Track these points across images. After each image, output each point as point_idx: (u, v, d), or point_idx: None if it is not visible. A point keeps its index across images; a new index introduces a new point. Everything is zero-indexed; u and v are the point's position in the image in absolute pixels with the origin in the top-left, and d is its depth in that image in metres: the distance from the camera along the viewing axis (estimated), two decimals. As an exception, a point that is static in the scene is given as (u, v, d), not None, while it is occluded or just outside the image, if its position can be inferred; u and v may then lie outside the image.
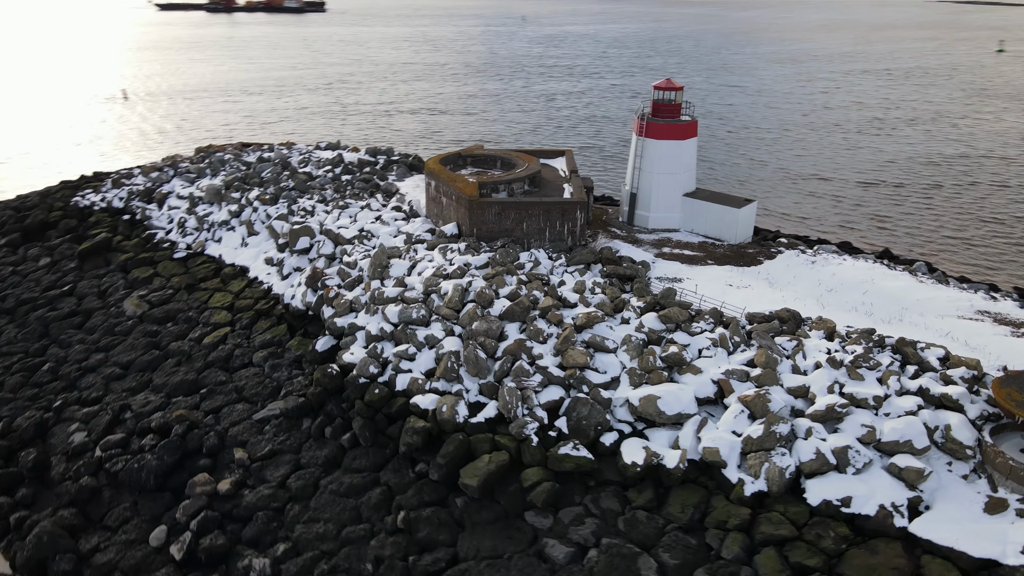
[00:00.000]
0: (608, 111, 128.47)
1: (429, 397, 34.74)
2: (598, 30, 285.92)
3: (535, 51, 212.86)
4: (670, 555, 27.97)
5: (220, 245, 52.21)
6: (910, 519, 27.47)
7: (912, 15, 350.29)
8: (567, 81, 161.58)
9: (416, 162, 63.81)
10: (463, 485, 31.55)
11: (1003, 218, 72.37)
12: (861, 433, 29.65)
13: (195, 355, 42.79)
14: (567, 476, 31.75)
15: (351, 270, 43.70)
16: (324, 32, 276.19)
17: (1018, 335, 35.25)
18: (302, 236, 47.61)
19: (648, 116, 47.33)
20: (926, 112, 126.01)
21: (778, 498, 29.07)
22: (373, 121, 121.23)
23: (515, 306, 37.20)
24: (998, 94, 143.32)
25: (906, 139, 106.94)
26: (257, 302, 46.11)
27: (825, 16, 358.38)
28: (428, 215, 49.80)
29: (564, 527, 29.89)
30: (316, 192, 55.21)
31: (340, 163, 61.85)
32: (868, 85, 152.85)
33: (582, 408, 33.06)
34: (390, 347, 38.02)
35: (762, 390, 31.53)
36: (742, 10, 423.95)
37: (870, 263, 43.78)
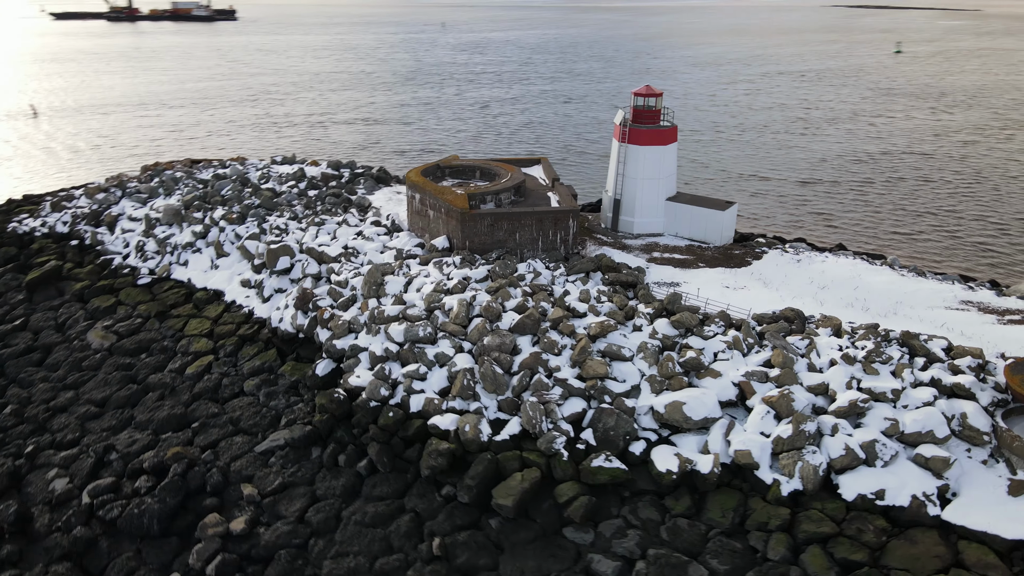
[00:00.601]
0: (544, 117, 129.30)
1: (448, 417, 33.85)
2: (519, 36, 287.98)
3: (460, 58, 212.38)
4: (718, 561, 28.10)
5: (187, 269, 49.50)
6: (942, 507, 28.54)
7: (811, 19, 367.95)
8: (498, 88, 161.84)
9: (383, 175, 62.31)
10: (497, 506, 30.84)
11: (936, 211, 76.59)
12: (885, 426, 30.61)
13: (179, 387, 40.35)
14: (600, 488, 31.49)
15: (343, 289, 42.18)
16: (239, 41, 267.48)
17: (1004, 322, 37.31)
18: (281, 256, 45.66)
19: (630, 122, 47.80)
20: (843, 112, 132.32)
21: (814, 496, 29.67)
22: (308, 133, 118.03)
23: (525, 319, 36.72)
24: (904, 93, 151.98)
25: (831, 138, 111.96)
26: (239, 327, 43.93)
27: (732, 21, 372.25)
28: (411, 229, 48.67)
29: (607, 541, 29.60)
30: (285, 209, 53.13)
31: (303, 178, 59.75)
32: (786, 87, 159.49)
33: (608, 419, 32.90)
34: (397, 367, 36.87)
35: (785, 390, 32.16)
36: (650, 15, 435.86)
37: (852, 260, 45.59)
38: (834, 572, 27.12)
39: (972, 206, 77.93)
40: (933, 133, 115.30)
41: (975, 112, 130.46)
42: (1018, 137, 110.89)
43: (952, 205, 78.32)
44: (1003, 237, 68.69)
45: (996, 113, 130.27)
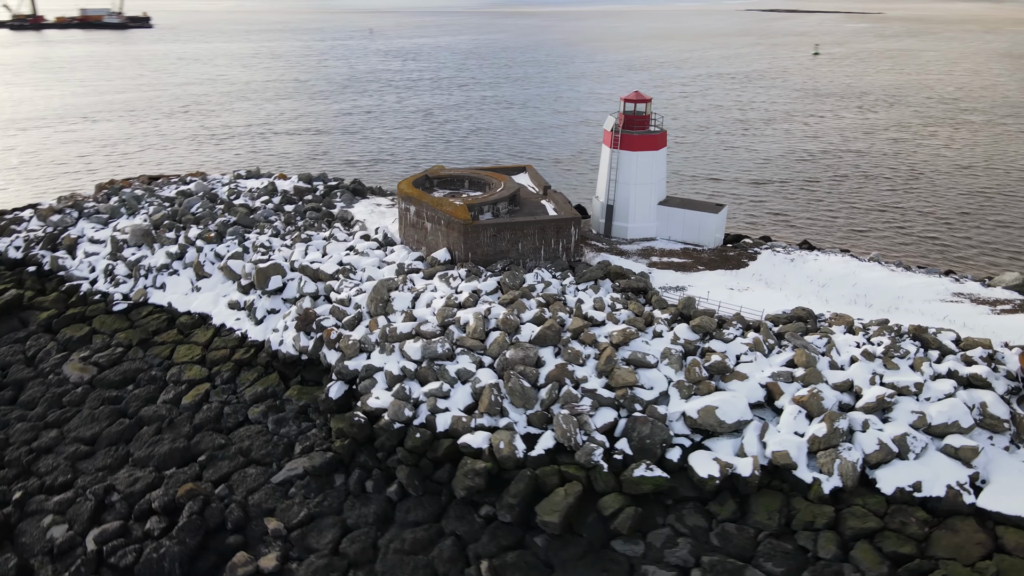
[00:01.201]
0: (491, 123, 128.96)
1: (479, 435, 33.09)
2: (449, 42, 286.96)
3: (394, 65, 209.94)
4: (772, 563, 28.35)
5: (166, 292, 46.91)
6: (975, 495, 29.62)
7: (728, 23, 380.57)
8: (439, 94, 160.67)
9: (359, 186, 60.61)
10: (542, 523, 30.30)
11: (882, 207, 79.87)
12: (912, 419, 31.58)
13: (177, 419, 38.09)
14: (643, 498, 31.36)
15: (346, 307, 40.74)
16: (159, 49, 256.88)
17: (997, 312, 39.18)
18: (273, 275, 43.80)
19: (620, 129, 48.04)
20: (778, 112, 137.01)
21: (853, 492, 30.31)
22: (251, 145, 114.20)
23: (546, 330, 36.28)
24: (829, 93, 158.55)
25: (770, 138, 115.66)
26: (233, 352, 41.88)
27: (653, 25, 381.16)
28: (405, 242, 47.49)
29: (658, 551, 29.47)
30: (265, 225, 51.02)
31: (275, 192, 57.57)
32: (719, 89, 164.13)
33: (642, 427, 32.82)
34: (416, 386, 35.85)
35: (813, 389, 32.81)
36: (572, 20, 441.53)
37: (842, 257, 47.08)
38: (885, 566, 27.75)
39: (913, 201, 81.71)
40: (863, 131, 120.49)
41: (896, 110, 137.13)
42: (941, 134, 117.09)
43: (896, 201, 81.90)
44: (948, 231, 72.20)
45: (916, 111, 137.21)
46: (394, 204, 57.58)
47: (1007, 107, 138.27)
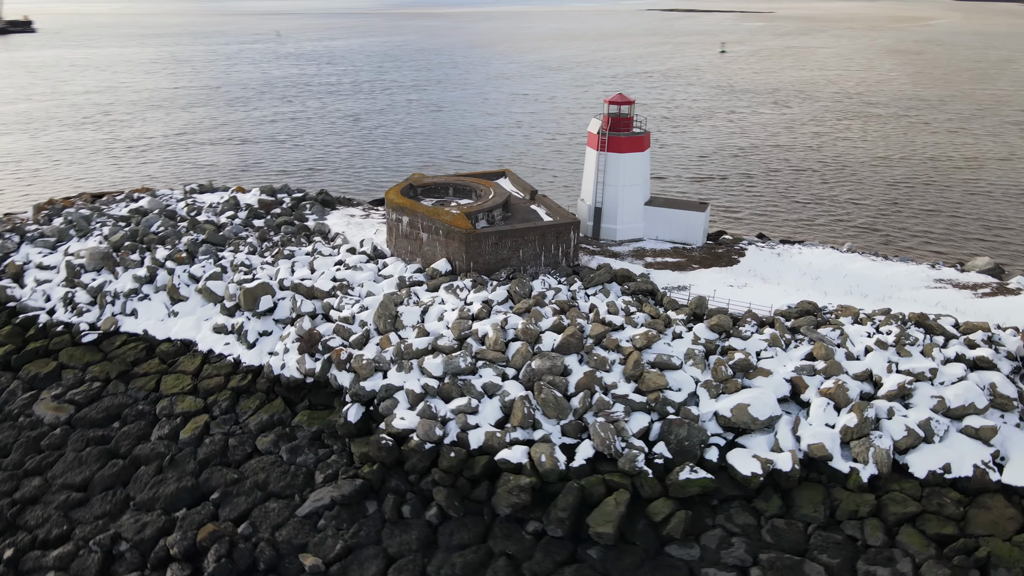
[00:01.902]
0: (422, 127, 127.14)
1: (517, 449, 32.38)
2: (361, 44, 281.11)
3: (310, 69, 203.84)
4: (827, 555, 28.97)
5: (139, 319, 43.65)
6: (999, 472, 31.24)
7: (632, 23, 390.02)
8: (363, 99, 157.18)
9: (328, 198, 58.26)
10: (596, 534, 29.92)
11: (819, 199, 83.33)
12: (932, 404, 33.01)
13: (179, 456, 35.46)
14: (688, 500, 31.45)
15: (351, 326, 39.01)
16: (47, 56, 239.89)
17: (979, 296, 41.56)
18: (262, 295, 41.46)
19: (606, 132, 48.11)
20: (701, 109, 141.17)
21: (889, 478, 31.39)
22: (174, 156, 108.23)
23: (569, 338, 35.86)
24: (744, 90, 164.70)
25: (700, 134, 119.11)
26: (228, 379, 39.39)
27: (558, 25, 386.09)
28: (397, 254, 45.91)
29: (714, 553, 29.60)
30: (239, 243, 48.29)
31: (237, 206, 54.59)
32: (639, 87, 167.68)
33: (679, 429, 32.92)
34: (441, 404, 34.72)
35: (838, 380, 33.78)
36: (476, 21, 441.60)
37: (824, 249, 48.79)
38: (932, 548, 28.85)
39: (846, 192, 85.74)
40: (783, 126, 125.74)
41: (808, 105, 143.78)
42: (854, 127, 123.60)
43: (830, 193, 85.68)
44: (884, 220, 76.11)
45: (826, 106, 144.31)
46: (368, 214, 55.75)
47: (905, 100, 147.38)
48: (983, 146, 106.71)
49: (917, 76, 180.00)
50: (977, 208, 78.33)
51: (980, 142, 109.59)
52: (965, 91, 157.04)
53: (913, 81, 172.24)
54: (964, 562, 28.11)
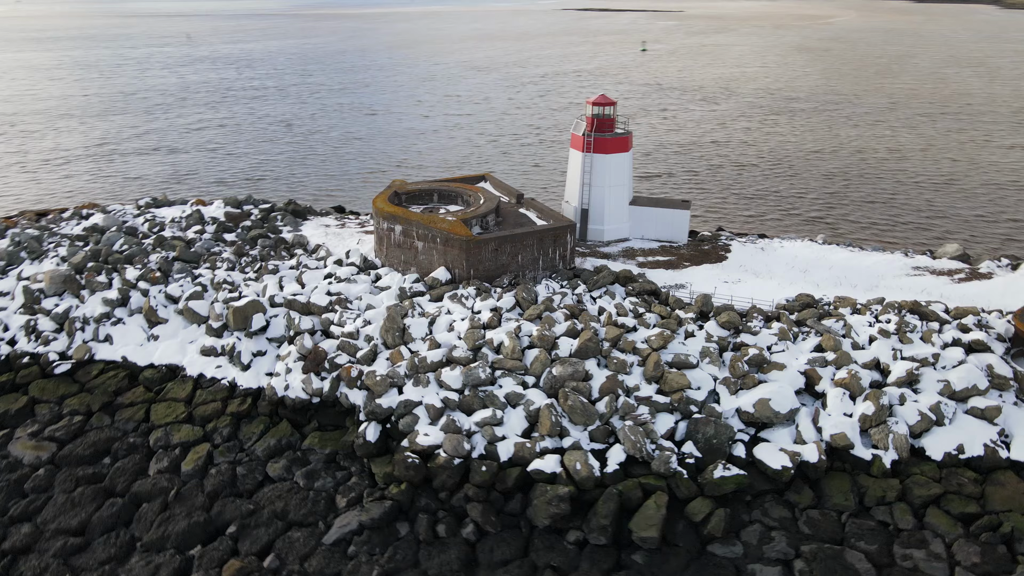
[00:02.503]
0: (360, 132, 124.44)
1: (549, 459, 31.92)
2: (280, 47, 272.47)
3: (230, 73, 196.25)
4: (864, 542, 29.75)
5: (115, 345, 40.76)
6: (1008, 449, 32.86)
7: (548, 22, 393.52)
8: (292, 104, 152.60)
9: (298, 208, 55.95)
10: (640, 539, 29.79)
11: (765, 193, 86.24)
12: (939, 388, 34.43)
13: (185, 490, 33.26)
14: (722, 498, 31.71)
15: (356, 341, 37.54)
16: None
17: (956, 281, 43.71)
18: (254, 314, 39.46)
19: (592, 133, 48.13)
20: (633, 107, 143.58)
21: (908, 462, 32.53)
22: (98, 169, 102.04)
23: (587, 342, 35.61)
24: (670, 87, 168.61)
25: (640, 132, 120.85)
26: (226, 404, 37.27)
27: (475, 26, 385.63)
28: (389, 264, 44.47)
29: (756, 548, 29.94)
30: (216, 259, 45.76)
31: (203, 220, 51.77)
32: (570, 86, 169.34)
33: (705, 428, 33.19)
34: (463, 417, 33.87)
35: (850, 370, 34.81)
36: (394, 22, 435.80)
37: (804, 242, 50.27)
38: (959, 527, 30.08)
39: (786, 185, 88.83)
40: (715, 123, 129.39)
41: (735, 102, 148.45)
42: (781, 122, 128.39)
43: (772, 186, 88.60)
44: (829, 210, 79.29)
45: (751, 102, 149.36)
46: (343, 224, 53.95)
47: (823, 96, 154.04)
48: (902, 138, 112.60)
49: (829, 72, 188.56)
50: (909, 198, 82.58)
51: (898, 134, 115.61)
52: (875, 86, 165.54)
53: (826, 77, 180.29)
54: (991, 539, 29.42)
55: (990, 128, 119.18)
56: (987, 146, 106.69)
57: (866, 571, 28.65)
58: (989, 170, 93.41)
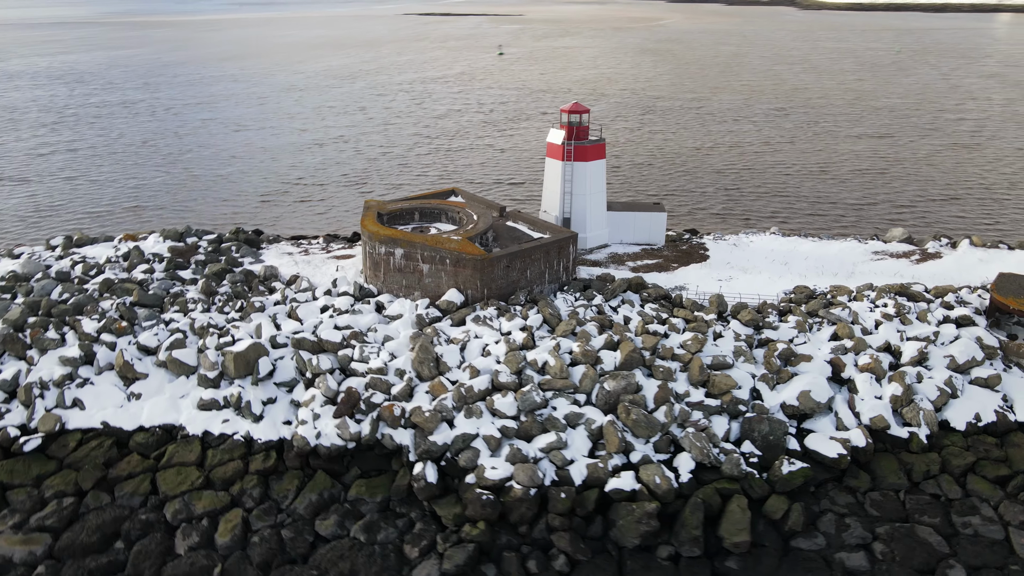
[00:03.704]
0: (239, 151, 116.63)
1: (625, 476, 31.39)
2: (109, 58, 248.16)
3: (59, 90, 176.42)
4: (927, 516, 31.65)
5: (88, 411, 35.26)
6: (1013, 412, 36.20)
7: (395, 27, 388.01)
8: (147, 121, 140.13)
9: (251, 237, 50.97)
10: (733, 545, 29.95)
11: (674, 191, 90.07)
12: (946, 363, 37.32)
13: (230, 566, 29.43)
14: (791, 493, 32.54)
15: (387, 376, 34.87)
16: None
17: (915, 263, 47.65)
18: (258, 358, 35.67)
19: (571, 142, 47.75)
20: (510, 111, 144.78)
21: (939, 436, 34.99)
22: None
23: (632, 353, 35.29)
24: (540, 91, 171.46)
25: (521, 137, 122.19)
26: (246, 462, 33.37)
27: (320, 32, 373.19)
28: (388, 290, 41.57)
29: (835, 536, 30.98)
30: (187, 301, 40.80)
31: (142, 257, 46.01)
32: (441, 92, 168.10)
33: (759, 425, 33.93)
34: (524, 444, 32.49)
35: (871, 355, 36.90)
36: (219, 30, 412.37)
37: (768, 236, 52.69)
38: (998, 490, 32.76)
39: (681, 183, 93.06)
40: (595, 124, 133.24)
41: (604, 103, 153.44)
42: (655, 120, 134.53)
43: (681, 184, 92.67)
44: (733, 203, 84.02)
45: (620, 103, 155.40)
46: (305, 251, 50.04)
47: (681, 94, 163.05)
48: (767, 132, 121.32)
49: (679, 72, 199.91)
50: (799, 186, 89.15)
51: (761, 129, 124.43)
52: (724, 84, 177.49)
53: (679, 76, 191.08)
54: (1027, 496, 32.34)
55: (838, 119, 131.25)
56: (844, 136, 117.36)
57: (938, 543, 30.48)
58: (852, 158, 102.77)
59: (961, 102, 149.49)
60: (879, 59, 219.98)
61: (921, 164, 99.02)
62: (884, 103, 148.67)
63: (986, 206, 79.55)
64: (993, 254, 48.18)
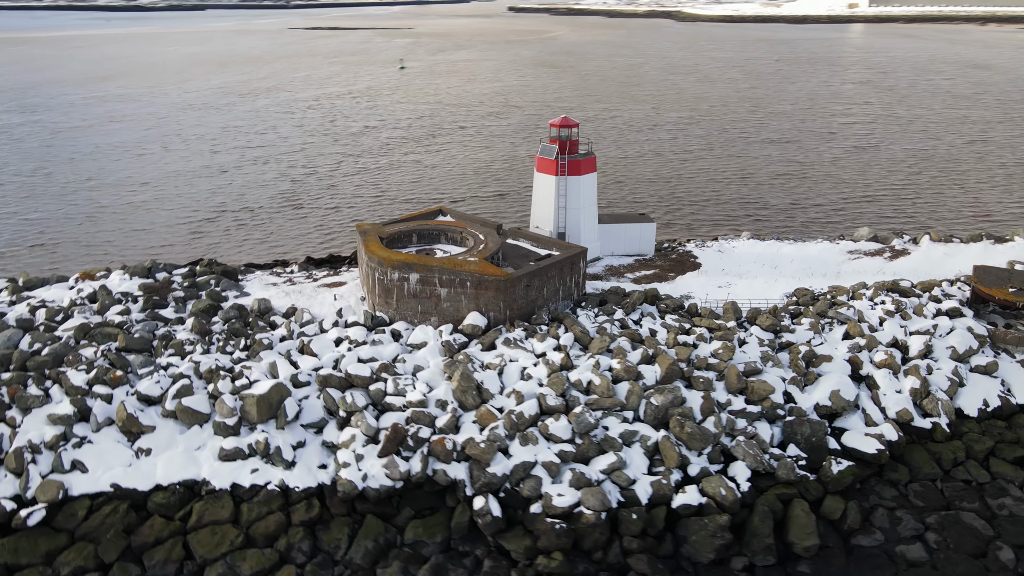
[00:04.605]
0: (141, 175, 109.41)
1: (691, 491, 31.20)
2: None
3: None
4: (966, 502, 33.21)
5: (93, 473, 31.43)
6: (1013, 395, 38.68)
7: (281, 43, 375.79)
8: (31, 148, 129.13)
9: (227, 268, 47.15)
10: (804, 549, 30.32)
11: (612, 201, 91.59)
12: (949, 353, 39.47)
13: (295, 628, 26.98)
14: (841, 492, 33.30)
15: (428, 409, 33.10)
16: None
17: (889, 260, 50.27)
18: (282, 400, 33.08)
19: (566, 155, 47.38)
20: (430, 127, 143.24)
21: (956, 424, 36.86)
22: None
23: (672, 366, 35.20)
24: (453, 104, 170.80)
25: (444, 153, 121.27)
26: (288, 513, 30.74)
27: (203, 48, 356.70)
28: (401, 318, 39.47)
29: (891, 531, 31.93)
30: (180, 344, 37.26)
31: (113, 297, 41.78)
32: (356, 109, 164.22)
33: (801, 428, 34.63)
34: (584, 467, 31.69)
35: (885, 351, 38.49)
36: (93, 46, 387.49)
37: (748, 240, 54.16)
38: (1019, 470, 34.84)
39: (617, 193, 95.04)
40: (522, 138, 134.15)
41: (519, 116, 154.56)
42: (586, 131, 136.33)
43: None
44: (688, 214, 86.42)
45: (534, 115, 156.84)
46: (289, 280, 47.00)
47: (592, 104, 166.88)
48: (684, 141, 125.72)
49: (585, 84, 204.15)
50: (733, 192, 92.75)
51: (676, 138, 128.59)
52: (628, 95, 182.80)
53: (586, 88, 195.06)
54: (1049, 475, 34.58)
55: (743, 127, 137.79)
56: (755, 142, 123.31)
57: (983, 527, 32.01)
58: (768, 163, 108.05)
59: (847, 107, 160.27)
60: (762, 68, 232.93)
61: (830, 167, 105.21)
62: (779, 109, 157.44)
63: (900, 204, 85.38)
64: (953, 248, 51.69)
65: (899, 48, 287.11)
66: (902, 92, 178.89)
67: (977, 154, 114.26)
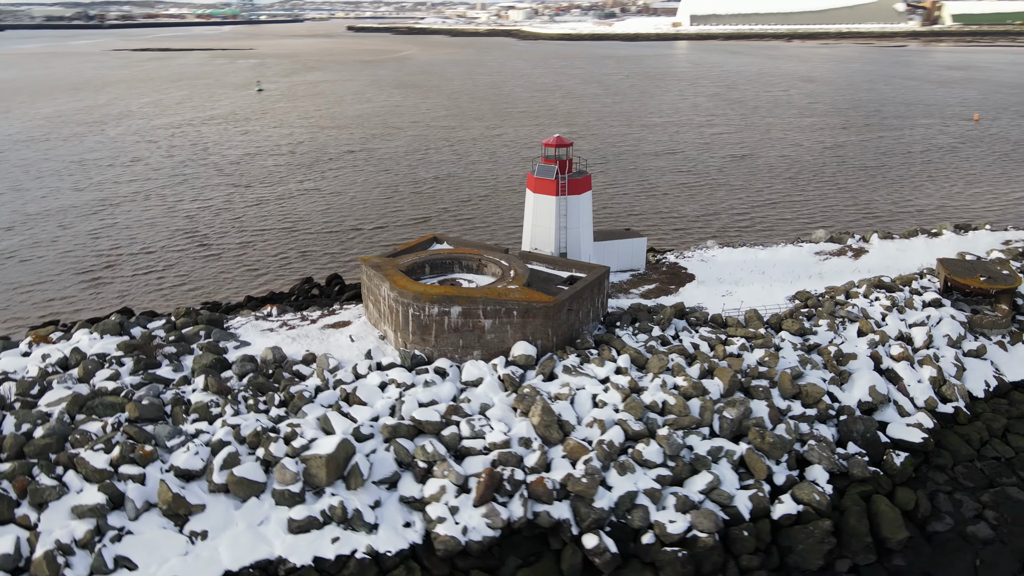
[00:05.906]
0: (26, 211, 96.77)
1: (787, 500, 31.51)
2: None
3: None
4: (1003, 477, 35.84)
5: (145, 571, 26.64)
6: (1002, 373, 42.40)
7: (110, 66, 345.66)
8: None
9: (212, 316, 41.57)
10: (897, 543, 31.37)
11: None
12: (946, 341, 42.65)
13: None
14: (905, 483, 34.83)
15: (513, 448, 31.00)
16: None
17: (853, 259, 53.66)
18: (349, 458, 29.84)
19: (563, 176, 46.38)
20: (315, 150, 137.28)
21: (970, 406, 39.77)
22: None
23: (733, 378, 35.38)
24: (328, 127, 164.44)
25: (337, 173, 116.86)
26: (390, 581, 27.65)
27: (14, 74, 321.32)
28: (441, 354, 36.62)
29: (956, 513, 33.79)
30: (205, 407, 32.52)
31: (86, 359, 35.82)
32: (227, 135, 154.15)
33: (855, 425, 35.98)
34: (683, 490, 31.09)
35: (899, 345, 40.93)
36: None
37: (723, 249, 55.68)
38: (1034, 443, 38.19)
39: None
40: (418, 158, 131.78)
41: (397, 138, 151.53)
42: (456, 149, 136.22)
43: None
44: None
45: (423, 136, 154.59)
46: (284, 323, 42.53)
47: (474, 126, 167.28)
48: (585, 155, 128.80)
49: (453, 104, 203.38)
50: (642, 203, 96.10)
51: (580, 152, 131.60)
52: (504, 112, 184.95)
53: (458, 109, 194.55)
54: (1056, 444, 38.09)
55: (627, 140, 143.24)
56: (645, 154, 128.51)
57: (1027, 498, 34.69)
58: (669, 173, 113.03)
59: (709, 119, 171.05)
60: (618, 84, 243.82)
61: (718, 175, 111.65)
62: (651, 122, 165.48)
63: (795, 207, 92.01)
64: (902, 244, 56.26)
65: (731, 63, 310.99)
66: (751, 104, 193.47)
67: (837, 157, 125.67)
